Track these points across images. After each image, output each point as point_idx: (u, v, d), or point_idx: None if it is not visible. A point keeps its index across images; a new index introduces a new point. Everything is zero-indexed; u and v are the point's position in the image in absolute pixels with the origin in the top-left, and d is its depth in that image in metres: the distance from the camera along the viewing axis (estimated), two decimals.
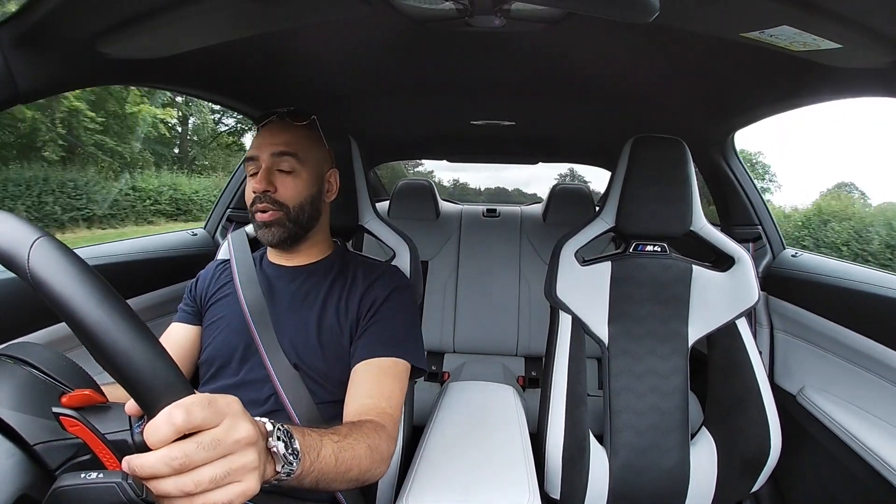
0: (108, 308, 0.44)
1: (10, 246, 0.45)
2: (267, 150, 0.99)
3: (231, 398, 0.50)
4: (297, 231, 1.02)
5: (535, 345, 2.31)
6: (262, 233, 1.00)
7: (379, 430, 0.81)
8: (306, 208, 1.02)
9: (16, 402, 0.48)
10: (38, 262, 0.44)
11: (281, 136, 1.01)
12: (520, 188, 10.66)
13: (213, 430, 0.46)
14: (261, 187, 0.97)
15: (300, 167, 1.01)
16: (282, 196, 0.99)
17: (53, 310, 0.44)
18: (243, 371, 0.98)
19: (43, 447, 0.47)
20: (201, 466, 0.45)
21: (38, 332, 1.07)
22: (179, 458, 0.43)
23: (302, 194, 1.01)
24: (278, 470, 0.55)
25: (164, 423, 0.44)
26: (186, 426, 0.44)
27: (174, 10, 0.77)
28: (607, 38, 1.07)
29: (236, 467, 0.47)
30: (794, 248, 1.61)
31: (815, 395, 1.32)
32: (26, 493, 0.43)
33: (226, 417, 0.47)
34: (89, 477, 0.42)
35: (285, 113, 1.04)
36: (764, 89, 1.24)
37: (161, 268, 1.50)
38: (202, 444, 0.45)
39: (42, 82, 0.81)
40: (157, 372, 0.44)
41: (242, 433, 0.48)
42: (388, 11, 0.92)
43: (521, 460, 0.95)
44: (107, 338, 0.43)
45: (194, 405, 0.45)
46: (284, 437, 0.57)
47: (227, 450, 0.46)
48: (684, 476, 1.23)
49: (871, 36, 0.75)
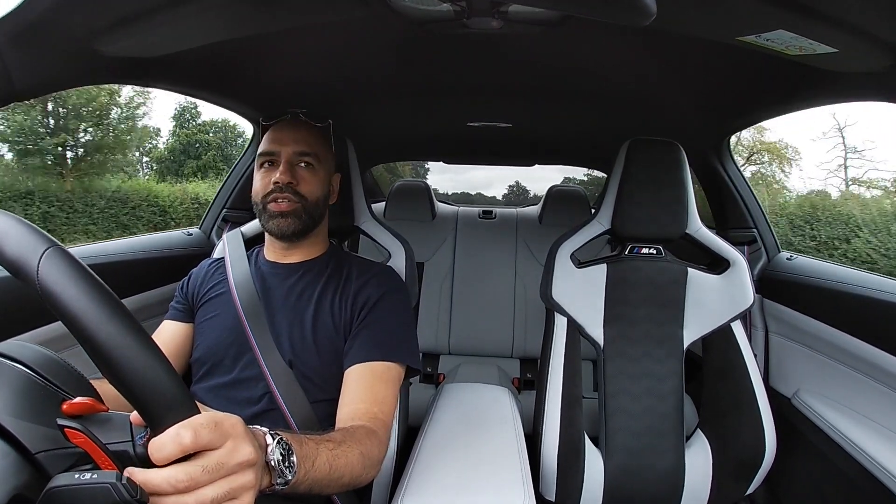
0: (117, 323, 0.44)
1: (20, 254, 0.45)
2: (289, 146, 1.02)
3: (235, 419, 0.51)
4: (310, 224, 1.05)
5: (530, 347, 2.31)
6: (277, 222, 1.01)
7: (371, 436, 0.82)
8: (320, 205, 1.06)
9: (16, 409, 0.48)
10: (47, 273, 0.44)
11: (301, 135, 1.04)
12: (481, 192, 11.01)
13: (216, 451, 0.47)
14: (286, 178, 1.00)
15: (318, 166, 1.05)
16: (303, 189, 1.02)
17: (61, 321, 0.44)
18: (237, 369, 0.98)
19: (44, 456, 0.47)
20: (203, 487, 0.46)
21: (31, 331, 1.06)
22: (185, 482, 0.45)
23: (318, 191, 1.05)
24: (273, 482, 0.57)
25: (171, 442, 0.45)
26: (193, 447, 0.46)
27: (172, 9, 0.77)
28: (604, 40, 1.07)
29: (236, 487, 0.48)
30: (789, 251, 1.62)
31: (810, 398, 1.32)
32: (21, 492, 0.43)
33: (229, 439, 0.49)
34: (83, 477, 0.42)
35: (303, 112, 1.08)
36: (760, 93, 1.25)
37: (156, 267, 1.49)
38: (207, 467, 0.46)
39: (38, 80, 0.80)
40: (163, 389, 0.45)
41: (244, 456, 0.49)
42: (386, 13, 0.92)
43: (517, 462, 0.94)
44: (115, 353, 0.43)
45: (202, 427, 0.46)
46: (283, 450, 0.58)
47: (228, 471, 0.48)
48: (679, 478, 1.23)
49: (867, 40, 0.75)
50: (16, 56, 0.73)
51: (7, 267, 0.45)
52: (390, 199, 2.55)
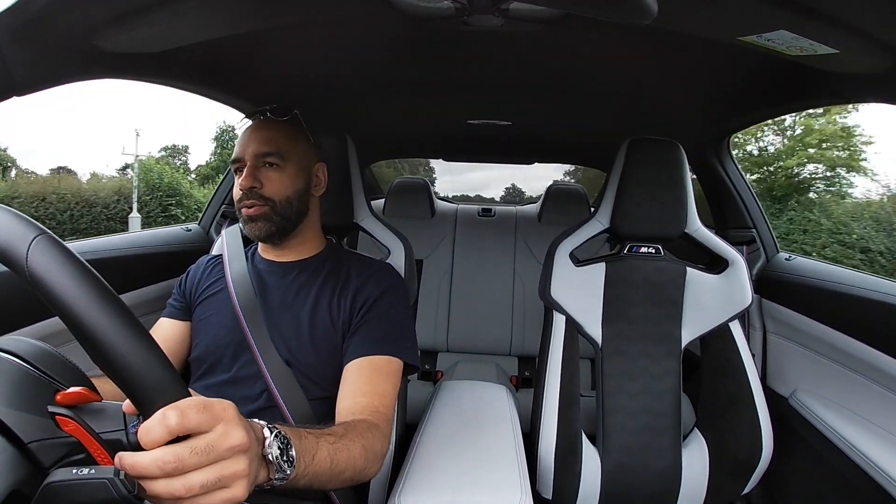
0: (106, 308, 0.44)
1: (9, 242, 0.44)
2: (250, 150, 1.01)
3: (227, 403, 0.50)
4: (285, 225, 1.03)
5: (528, 345, 2.31)
6: (249, 227, 1.01)
7: (373, 430, 0.81)
8: (293, 202, 1.03)
9: (10, 399, 0.48)
10: (36, 260, 0.44)
11: (263, 135, 1.02)
12: (480, 193, 11.29)
13: (207, 434, 0.46)
14: (247, 184, 0.98)
15: (283, 162, 1.02)
16: (268, 191, 1.00)
17: (51, 308, 0.43)
18: (235, 367, 0.98)
19: (37, 445, 0.46)
20: (193, 471, 0.45)
21: (28, 327, 1.06)
22: (172, 462, 0.43)
23: (288, 189, 1.02)
24: (271, 476, 0.56)
25: (158, 425, 0.44)
26: (180, 429, 0.44)
27: (170, 5, 0.77)
28: (605, 39, 1.07)
29: (227, 474, 0.47)
30: (788, 251, 1.62)
31: (807, 398, 1.33)
32: (18, 488, 0.43)
33: (220, 422, 0.47)
34: (81, 473, 0.42)
35: (267, 110, 1.06)
36: (760, 93, 1.25)
37: (155, 263, 1.49)
38: (196, 449, 0.45)
39: (38, 75, 0.80)
40: (152, 373, 0.44)
41: (236, 440, 0.48)
42: (386, 9, 0.92)
43: (514, 460, 0.95)
44: (103, 338, 0.43)
45: (189, 408, 0.45)
46: (281, 444, 0.57)
47: (219, 456, 0.46)
48: (676, 477, 1.24)
49: (868, 41, 0.75)
50: (15, 51, 0.72)
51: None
52: (389, 196, 2.54)
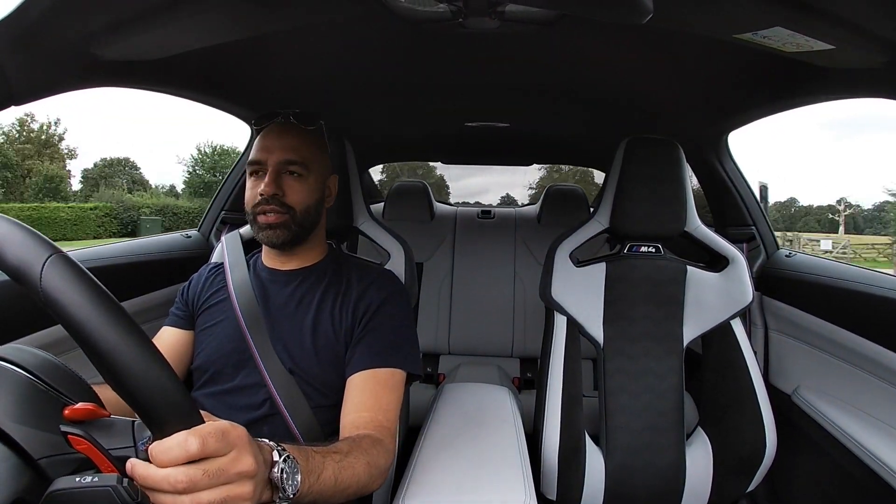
0: (120, 330, 0.44)
1: (23, 261, 0.44)
2: (276, 154, 0.98)
3: (241, 430, 0.51)
4: (300, 234, 1.02)
5: (530, 346, 2.31)
6: (266, 234, 0.99)
7: (377, 445, 0.81)
8: (311, 213, 1.02)
9: (18, 414, 0.48)
10: (50, 280, 0.44)
11: (288, 142, 0.99)
12: (479, 200, 11.68)
13: (219, 459, 0.47)
14: (270, 190, 0.96)
15: (307, 172, 1.00)
16: (290, 199, 0.98)
17: (64, 328, 0.43)
18: (239, 377, 0.98)
19: (47, 461, 0.47)
20: (201, 490, 0.46)
21: (31, 335, 1.06)
22: (184, 483, 0.45)
23: (309, 199, 1.00)
24: (275, 498, 0.57)
25: (178, 447, 0.45)
26: (199, 455, 0.46)
27: (167, 12, 0.77)
28: (601, 39, 1.07)
29: (233, 496, 0.48)
30: (788, 248, 1.62)
31: (810, 395, 1.32)
32: (21, 496, 0.43)
33: (234, 449, 0.49)
34: (84, 480, 0.42)
35: (290, 114, 1.02)
36: (758, 90, 1.25)
37: (154, 270, 1.49)
38: (207, 472, 0.46)
39: (35, 84, 0.80)
40: (168, 396, 0.45)
41: (245, 466, 0.49)
42: (382, 12, 0.92)
43: (518, 461, 0.94)
44: (118, 360, 0.43)
45: (210, 436, 0.46)
46: (289, 467, 0.58)
47: (228, 479, 0.48)
48: (680, 476, 1.23)
49: (863, 36, 0.75)
50: (13, 60, 0.72)
51: (9, 273, 0.45)
52: (389, 199, 2.55)
